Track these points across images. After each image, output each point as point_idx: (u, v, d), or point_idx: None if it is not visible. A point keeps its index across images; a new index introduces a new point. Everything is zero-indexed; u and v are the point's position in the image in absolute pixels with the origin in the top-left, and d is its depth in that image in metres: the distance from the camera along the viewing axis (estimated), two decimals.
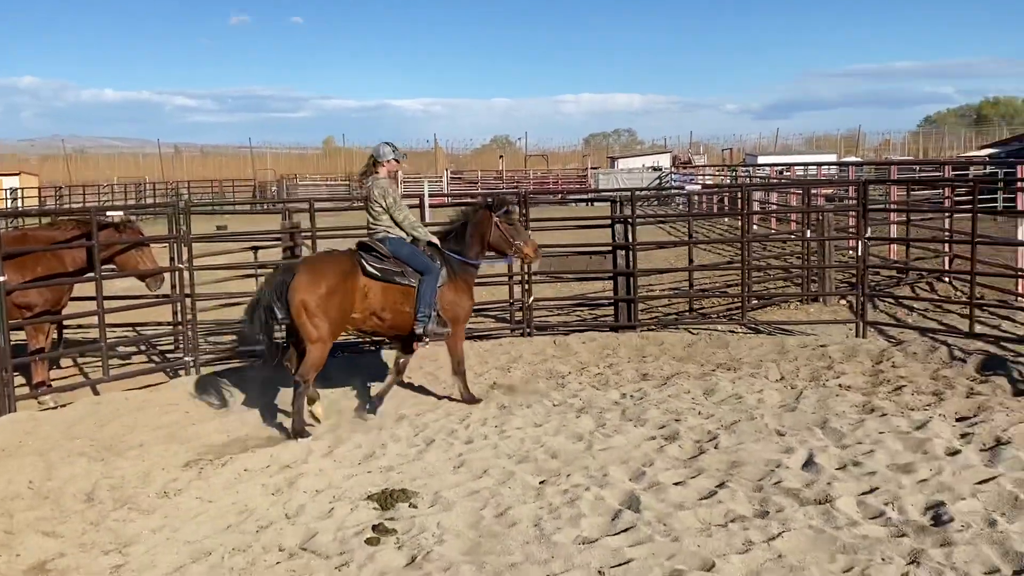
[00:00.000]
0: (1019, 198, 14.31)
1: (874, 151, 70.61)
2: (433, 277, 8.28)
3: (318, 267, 7.97)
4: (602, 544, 5.34)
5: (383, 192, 8.34)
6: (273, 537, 5.69)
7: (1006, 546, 5.05)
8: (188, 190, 51.97)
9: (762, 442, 7.13)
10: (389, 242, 8.30)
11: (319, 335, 7.81)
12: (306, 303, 7.71)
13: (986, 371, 8.89)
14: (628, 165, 55.16)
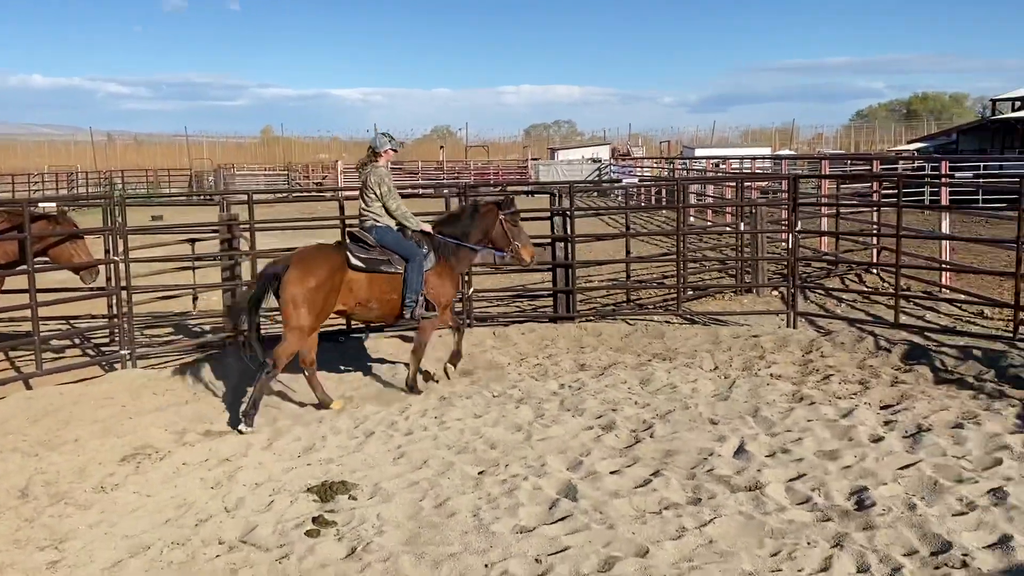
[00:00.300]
0: (943, 193, 14.81)
1: (808, 144, 72.10)
2: (418, 264, 8.57)
3: (309, 262, 8.19)
4: (539, 532, 5.46)
5: (379, 180, 8.62)
6: (212, 530, 5.70)
7: (924, 529, 5.28)
8: (122, 179, 50.89)
9: (696, 431, 7.32)
10: (376, 231, 8.57)
11: (299, 325, 8.06)
12: (295, 296, 8.00)
13: (910, 360, 9.22)
14: (568, 157, 55.50)
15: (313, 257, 8.29)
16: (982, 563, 4.87)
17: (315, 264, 8.17)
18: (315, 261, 8.21)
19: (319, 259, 8.26)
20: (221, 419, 8.16)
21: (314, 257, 8.29)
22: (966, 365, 8.88)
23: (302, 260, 8.20)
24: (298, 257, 8.29)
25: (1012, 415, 7.39)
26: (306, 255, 8.34)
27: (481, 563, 5.11)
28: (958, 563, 4.88)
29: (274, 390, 8.79)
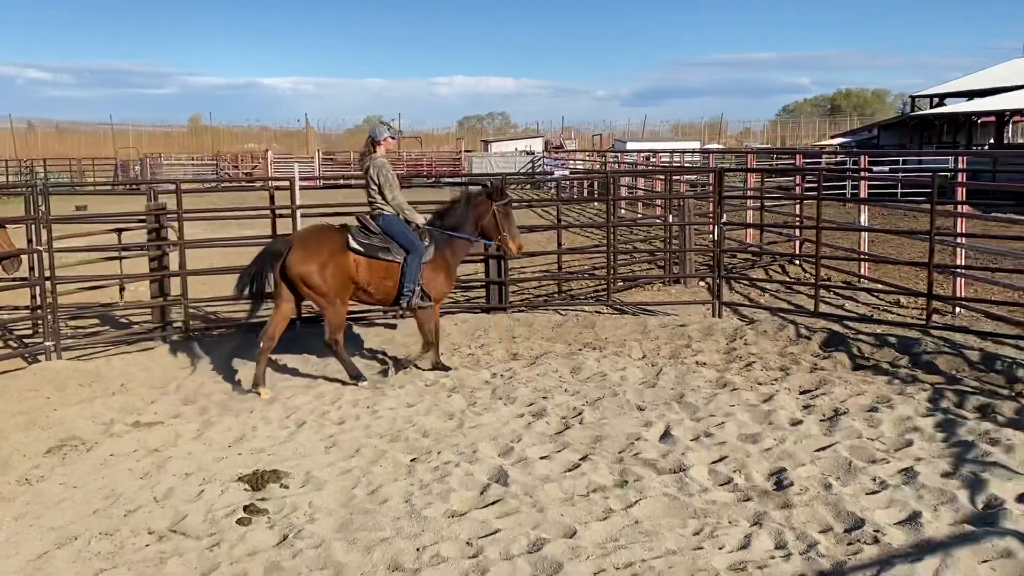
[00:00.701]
0: (862, 186, 15.30)
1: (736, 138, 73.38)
2: (418, 256, 8.75)
3: (310, 242, 8.49)
4: (471, 517, 5.58)
5: (378, 171, 8.77)
6: (141, 520, 5.68)
7: (839, 507, 5.53)
8: (44, 168, 49.44)
9: (624, 417, 7.51)
10: (382, 219, 8.77)
11: (327, 300, 8.42)
12: (303, 275, 8.32)
13: (828, 348, 9.56)
14: (501, 149, 55.58)
15: (314, 237, 8.60)
16: (892, 539, 5.12)
17: (316, 244, 8.45)
18: (316, 241, 8.51)
19: (320, 239, 8.54)
20: (150, 410, 8.08)
21: (315, 237, 8.60)
22: (882, 352, 9.24)
23: (304, 240, 8.52)
24: (300, 237, 8.61)
25: (923, 399, 7.73)
26: (308, 235, 8.66)
27: (413, 547, 5.20)
28: (870, 539, 5.13)
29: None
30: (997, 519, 5.26)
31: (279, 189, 12.01)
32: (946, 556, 4.80)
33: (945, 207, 13.03)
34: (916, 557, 4.83)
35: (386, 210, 8.80)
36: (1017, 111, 38.71)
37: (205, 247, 12.26)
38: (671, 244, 14.79)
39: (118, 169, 51.26)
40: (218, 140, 72.77)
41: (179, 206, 10.39)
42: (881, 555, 4.92)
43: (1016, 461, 6.16)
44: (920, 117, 45.90)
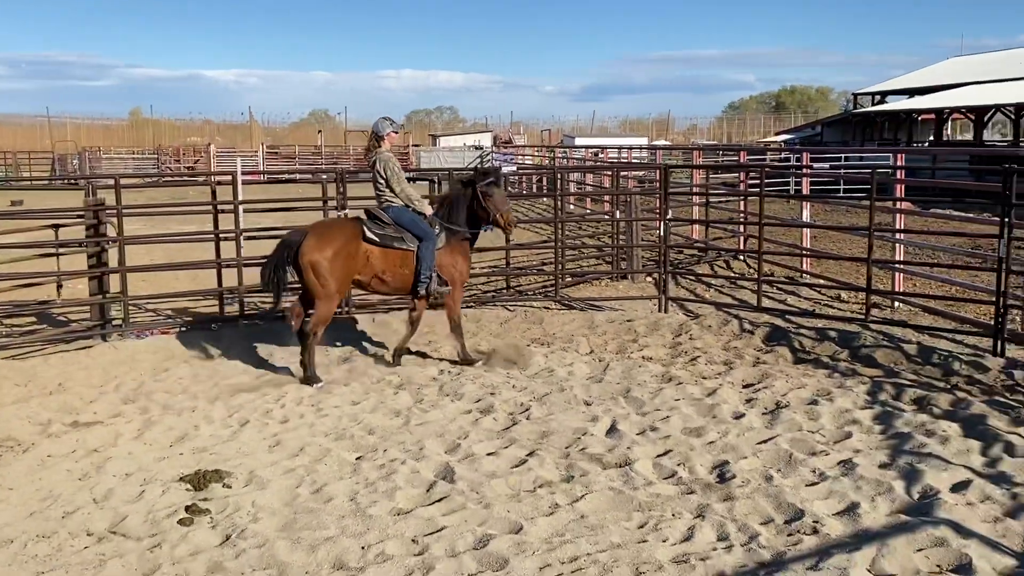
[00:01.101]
0: (804, 183, 15.55)
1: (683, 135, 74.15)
2: (431, 242, 8.93)
3: (325, 232, 8.65)
4: (416, 514, 5.56)
5: (384, 165, 8.93)
6: (80, 522, 5.56)
7: (780, 499, 5.63)
8: None
9: (570, 412, 7.55)
10: (392, 210, 8.93)
11: (326, 292, 8.55)
12: (314, 263, 8.45)
13: (771, 342, 9.71)
14: (450, 143, 55.39)
15: (329, 227, 8.79)
16: (831, 529, 5.22)
17: (331, 234, 8.62)
18: (331, 231, 8.68)
19: (335, 229, 8.73)
20: (88, 409, 7.92)
21: (330, 227, 8.79)
22: (822, 346, 9.41)
23: (319, 230, 8.67)
24: (315, 227, 8.73)
25: (862, 392, 7.90)
26: (323, 226, 8.83)
27: (358, 545, 5.17)
28: (809, 530, 5.22)
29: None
30: (932, 508, 5.39)
31: (221, 184, 11.84)
32: (882, 545, 4.91)
33: (884, 203, 13.30)
34: (854, 547, 4.93)
35: (394, 202, 8.95)
36: (956, 109, 39.62)
37: (145, 243, 12.06)
38: (618, 240, 14.90)
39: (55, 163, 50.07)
40: (160, 133, 71.41)
41: (118, 202, 10.18)
42: (820, 545, 5.02)
43: (950, 452, 6.33)
44: (862, 114, 46.79)
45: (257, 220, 11.88)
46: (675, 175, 16.96)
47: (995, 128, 58.41)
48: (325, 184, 11.54)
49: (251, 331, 10.38)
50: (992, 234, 9.20)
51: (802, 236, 14.69)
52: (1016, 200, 8.86)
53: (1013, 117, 38.25)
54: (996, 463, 6.15)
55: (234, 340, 10.06)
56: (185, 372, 9.04)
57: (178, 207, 12.14)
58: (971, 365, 8.47)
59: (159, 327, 10.70)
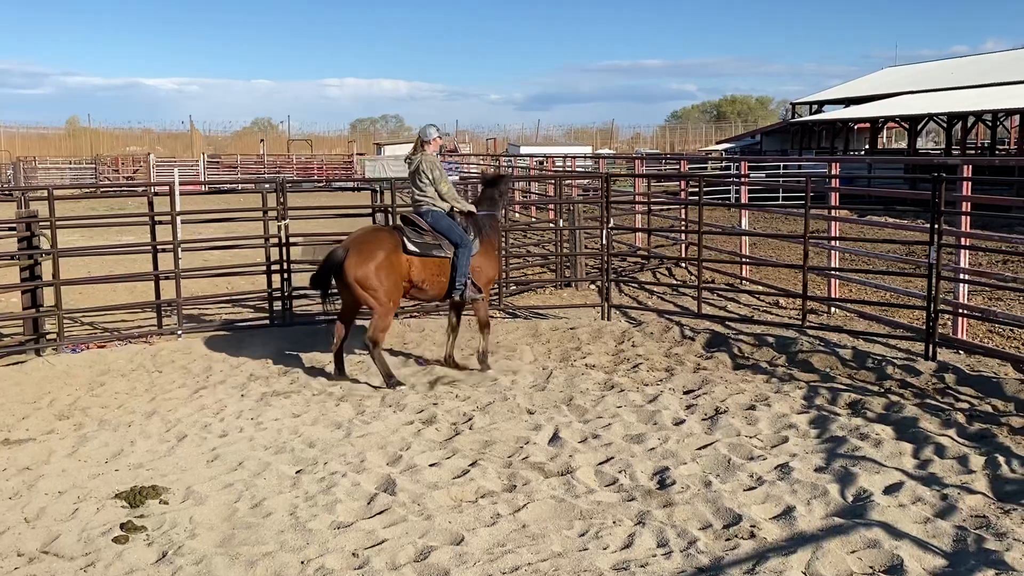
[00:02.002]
0: (743, 192, 15.81)
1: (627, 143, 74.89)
2: (467, 249, 9.05)
3: (365, 247, 8.67)
4: (357, 527, 5.52)
5: (432, 166, 9.00)
6: (10, 542, 5.41)
7: (718, 504, 5.70)
8: None
9: (513, 421, 7.56)
10: (431, 215, 8.97)
11: (379, 303, 8.64)
12: (360, 279, 8.54)
13: (711, 348, 9.84)
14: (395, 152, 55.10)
15: (370, 241, 8.76)
16: (768, 533, 5.30)
17: (372, 248, 8.65)
18: (372, 245, 8.68)
19: (375, 243, 8.72)
20: (20, 426, 7.71)
21: (370, 241, 8.76)
22: (761, 351, 9.57)
23: (359, 245, 8.68)
24: (356, 242, 8.75)
25: (799, 396, 8.04)
26: (363, 240, 8.78)
27: (297, 560, 5.11)
28: (747, 534, 5.30)
29: None
30: (865, 511, 5.51)
31: (159, 195, 11.66)
32: (817, 548, 5.00)
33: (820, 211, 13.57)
34: (790, 550, 5.02)
35: (436, 207, 8.98)
36: (890, 118, 40.57)
37: (81, 255, 11.81)
38: (562, 248, 14.98)
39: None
40: (98, 143, 69.99)
41: (51, 213, 9.97)
42: (757, 549, 5.09)
43: (883, 455, 6.47)
44: (801, 123, 47.66)
45: (197, 231, 11.72)
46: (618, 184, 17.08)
47: (928, 137, 60.03)
48: (266, 194, 11.41)
49: (190, 343, 10.21)
50: (923, 241, 9.43)
51: (741, 244, 14.91)
52: (945, 207, 9.11)
53: (945, 126, 39.28)
54: (927, 465, 6.31)
55: (172, 353, 9.90)
56: (122, 386, 8.87)
57: (114, 218, 11.94)
58: (904, 369, 8.67)
59: (95, 341, 10.49)
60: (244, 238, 11.36)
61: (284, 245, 11.04)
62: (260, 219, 11.25)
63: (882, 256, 12.73)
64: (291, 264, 11.21)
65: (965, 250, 9.93)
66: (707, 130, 79.63)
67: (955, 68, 46.90)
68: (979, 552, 4.97)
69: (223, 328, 10.99)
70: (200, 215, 11.92)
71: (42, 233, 10.29)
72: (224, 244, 11.80)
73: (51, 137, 75.58)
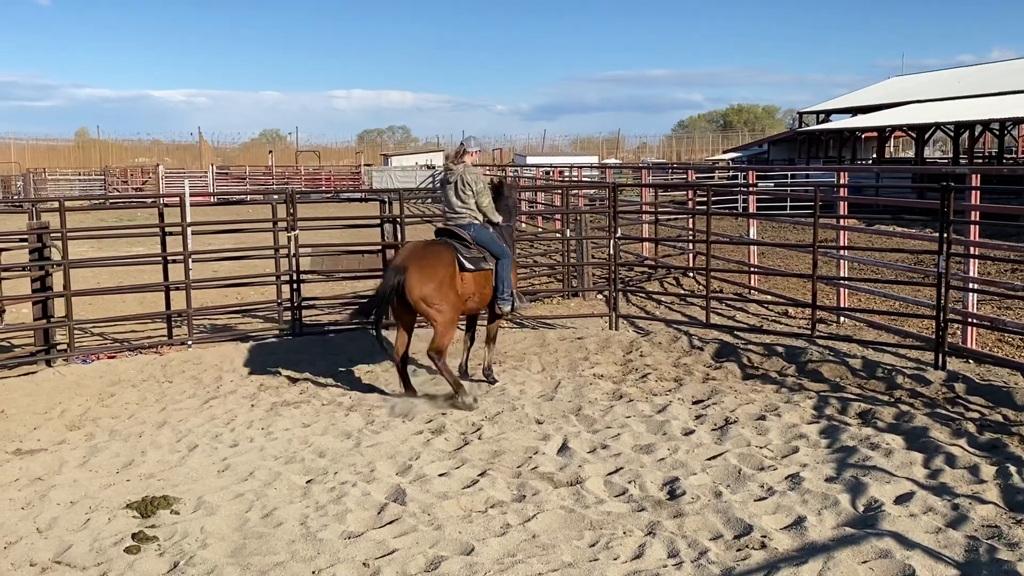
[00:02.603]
0: (751, 201, 15.81)
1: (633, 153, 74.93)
2: (509, 260, 9.03)
3: (425, 265, 8.44)
4: (368, 537, 5.53)
5: (476, 178, 8.91)
6: (23, 552, 5.44)
7: (729, 514, 5.70)
8: None
9: (522, 431, 7.57)
10: (472, 228, 8.84)
11: (444, 319, 8.47)
12: (424, 298, 8.36)
13: (720, 358, 9.83)
14: (402, 163, 55.39)
15: (428, 258, 8.51)
16: (779, 543, 5.29)
17: (432, 266, 8.44)
18: (431, 263, 8.46)
19: (434, 260, 8.50)
20: (32, 437, 7.75)
21: (428, 258, 8.51)
22: (770, 361, 9.56)
23: (419, 261, 8.43)
24: (413, 258, 8.45)
25: (809, 406, 8.03)
26: (421, 256, 8.51)
27: (308, 570, 5.12)
28: (758, 544, 5.29)
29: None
30: (877, 521, 5.49)
31: (169, 206, 11.71)
32: (828, 558, 4.99)
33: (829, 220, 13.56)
34: (801, 560, 5.01)
35: (476, 219, 8.87)
36: (898, 127, 40.55)
37: (91, 266, 11.87)
38: (569, 258, 14.99)
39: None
40: (107, 154, 70.34)
41: (63, 225, 10.02)
42: (768, 560, 5.09)
43: (894, 464, 6.46)
44: (808, 132, 47.69)
45: (206, 242, 11.77)
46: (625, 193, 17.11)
47: (936, 145, 59.96)
48: (275, 205, 11.45)
49: (200, 354, 10.24)
50: (932, 250, 9.42)
51: (749, 253, 14.91)
52: (954, 216, 9.10)
53: (953, 135, 39.25)
54: (938, 474, 6.30)
55: (183, 363, 9.93)
56: (132, 396, 8.91)
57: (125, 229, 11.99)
58: (913, 379, 8.65)
59: (105, 351, 10.53)
60: (255, 249, 11.39)
61: (294, 256, 11.08)
62: (270, 230, 11.29)
63: (890, 265, 12.71)
64: (301, 274, 11.25)
65: (974, 259, 9.91)
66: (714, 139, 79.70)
67: (962, 77, 46.90)
68: (992, 562, 4.96)
69: (233, 338, 11.02)
70: (210, 226, 11.96)
71: (53, 245, 10.35)
72: (235, 255, 11.84)
73: (60, 149, 75.98)
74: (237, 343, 10.77)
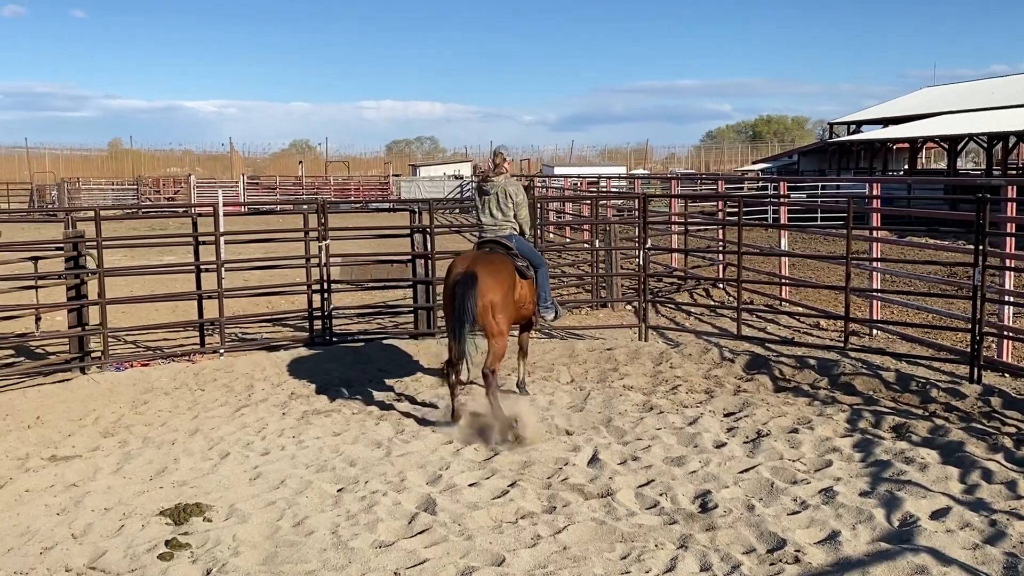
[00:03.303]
0: (782, 212, 15.71)
1: (661, 163, 74.72)
2: (545, 268, 9.00)
3: (494, 271, 8.19)
4: (399, 547, 5.54)
5: (518, 189, 8.81)
6: (59, 558, 5.50)
7: (762, 528, 5.65)
8: None
9: (552, 442, 7.55)
10: (514, 239, 8.71)
11: (500, 329, 8.19)
12: (494, 303, 8.06)
13: (751, 370, 9.76)
14: (430, 173, 55.59)
15: (495, 262, 8.30)
16: (812, 558, 5.24)
17: (501, 273, 8.23)
18: (499, 267, 8.26)
19: (500, 267, 8.29)
20: (67, 443, 7.84)
21: (495, 264, 8.28)
22: (802, 374, 9.47)
23: (488, 267, 8.16)
24: (480, 266, 8.13)
25: (842, 420, 7.95)
26: (489, 262, 8.24)
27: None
28: (791, 559, 5.24)
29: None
30: (912, 536, 5.42)
31: (202, 215, 11.83)
32: (863, 573, 4.94)
33: (861, 232, 13.46)
34: (835, 575, 4.95)
35: (516, 230, 8.73)
36: (930, 138, 40.17)
37: (125, 275, 12.00)
38: (598, 268, 14.96)
39: (34, 194, 49.82)
40: (139, 164, 71.22)
41: (98, 234, 10.15)
42: (802, 574, 5.03)
43: (929, 479, 6.38)
44: (838, 143, 47.34)
45: (238, 251, 11.87)
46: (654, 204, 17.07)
47: (968, 157, 59.31)
48: (307, 214, 11.53)
49: (231, 362, 10.32)
50: (967, 262, 9.31)
51: (780, 264, 14.81)
52: (989, 229, 9.00)
53: (985, 146, 38.80)
54: (974, 490, 6.21)
55: (215, 371, 10.01)
56: (165, 404, 8.99)
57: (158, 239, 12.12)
58: (948, 392, 8.55)
59: (139, 359, 10.64)
60: (286, 258, 11.48)
61: (324, 265, 11.14)
62: (301, 239, 11.36)
63: (924, 277, 12.58)
64: (331, 283, 11.31)
65: (1010, 271, 9.79)
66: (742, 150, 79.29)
67: (995, 87, 46.35)
68: None
69: (264, 347, 11.10)
70: (242, 235, 12.05)
71: (88, 253, 10.48)
72: (267, 264, 11.93)
73: (94, 159, 76.97)
74: (268, 352, 10.84)
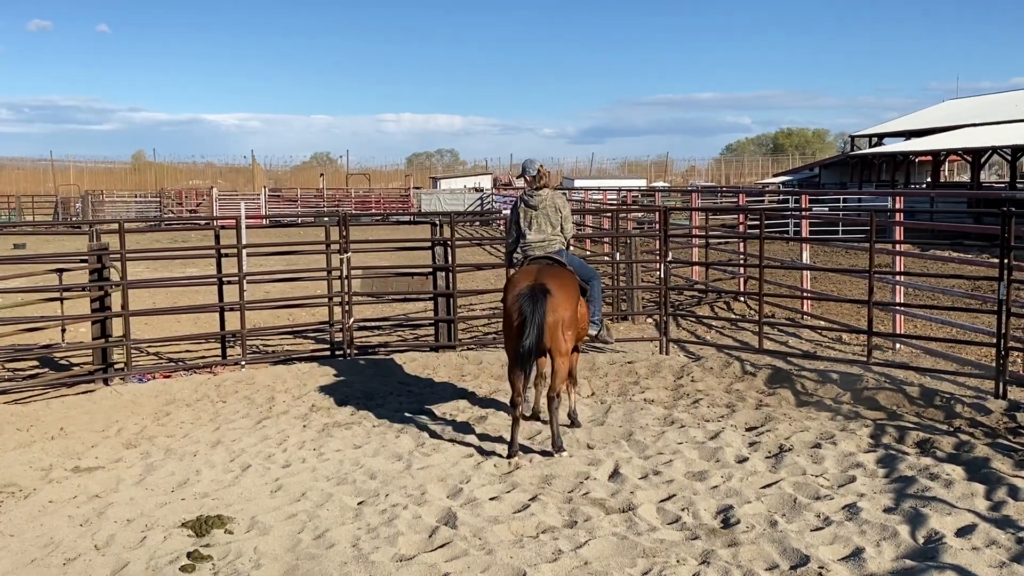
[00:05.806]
0: (803, 225, 15.63)
1: (681, 176, 74.62)
2: (598, 281, 8.66)
3: (563, 286, 7.80)
4: (419, 560, 5.52)
5: (564, 202, 8.55)
6: (81, 569, 5.53)
7: (784, 544, 5.59)
8: None
9: (573, 455, 7.52)
10: (564, 254, 8.39)
11: (567, 348, 7.87)
12: (564, 320, 7.70)
13: (773, 384, 9.69)
14: (450, 186, 55.79)
15: (561, 277, 7.90)
16: (836, 574, 5.18)
17: (570, 288, 7.87)
18: (566, 283, 7.88)
19: (568, 282, 7.93)
20: (90, 454, 7.89)
21: (562, 277, 7.91)
22: (825, 388, 9.39)
23: (555, 282, 7.75)
24: (550, 280, 7.74)
25: (866, 435, 7.88)
26: (555, 277, 7.83)
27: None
28: (815, 575, 5.19)
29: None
30: (937, 553, 5.35)
31: (224, 228, 11.91)
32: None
33: (884, 246, 13.37)
34: None
35: (563, 245, 8.42)
36: (952, 151, 39.89)
37: (148, 287, 12.09)
38: (619, 281, 14.93)
39: (59, 206, 50.36)
40: (162, 177, 71.94)
41: (122, 246, 10.23)
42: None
43: (955, 495, 6.30)
44: (860, 156, 47.10)
45: (259, 263, 11.94)
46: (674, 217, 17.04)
47: (991, 170, 58.86)
48: (328, 227, 11.59)
49: (253, 374, 10.36)
50: (991, 276, 9.22)
51: (802, 278, 14.73)
52: (1015, 243, 8.91)
53: (1009, 159, 38.49)
54: (1001, 507, 6.13)
55: (236, 383, 10.05)
56: (187, 416, 9.04)
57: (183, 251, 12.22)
58: (973, 407, 8.45)
59: (161, 371, 10.70)
60: (308, 271, 11.53)
61: (346, 278, 11.19)
62: (323, 252, 11.42)
63: (948, 291, 12.47)
64: (352, 296, 11.35)
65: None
66: (763, 163, 79.08)
67: (1018, 100, 45.98)
68: None
69: (285, 359, 11.14)
70: (264, 248, 12.12)
71: (112, 265, 10.57)
72: (289, 276, 12.00)
73: (117, 171, 77.80)
74: (289, 364, 10.89)
